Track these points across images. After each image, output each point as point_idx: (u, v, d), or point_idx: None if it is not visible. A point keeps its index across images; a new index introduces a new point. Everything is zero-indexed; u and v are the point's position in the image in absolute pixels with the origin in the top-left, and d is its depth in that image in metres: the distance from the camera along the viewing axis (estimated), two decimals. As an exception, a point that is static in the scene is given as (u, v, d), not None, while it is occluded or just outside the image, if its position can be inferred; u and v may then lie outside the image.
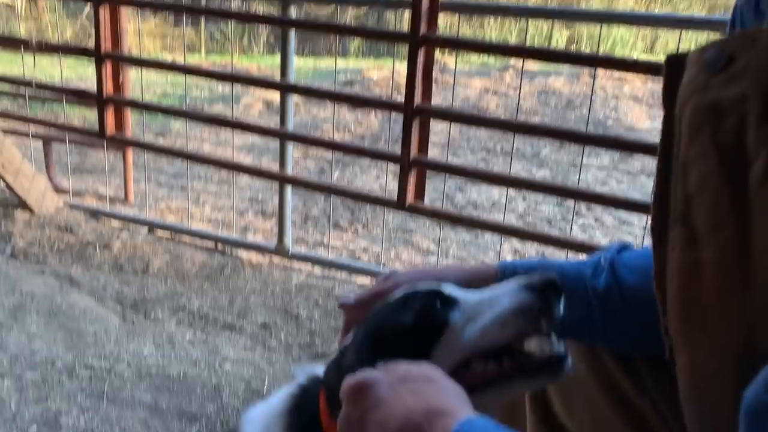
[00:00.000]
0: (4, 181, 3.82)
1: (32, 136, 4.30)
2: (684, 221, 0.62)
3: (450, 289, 1.07)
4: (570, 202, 4.92)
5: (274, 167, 3.87)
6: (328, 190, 3.42)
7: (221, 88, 7.79)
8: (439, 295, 1.05)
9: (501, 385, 0.98)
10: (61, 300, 2.99)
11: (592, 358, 1.20)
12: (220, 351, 2.73)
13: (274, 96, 7.22)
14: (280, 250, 3.67)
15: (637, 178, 5.38)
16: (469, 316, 1.00)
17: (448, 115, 2.96)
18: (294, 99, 3.65)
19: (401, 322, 1.03)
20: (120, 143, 3.76)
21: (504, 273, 1.16)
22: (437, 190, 4.58)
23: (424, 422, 0.75)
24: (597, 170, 5.52)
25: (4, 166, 3.77)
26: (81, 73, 6.73)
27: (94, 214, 3.95)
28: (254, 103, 7.22)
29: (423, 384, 0.83)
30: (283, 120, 3.44)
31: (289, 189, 3.61)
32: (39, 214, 3.82)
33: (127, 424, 2.24)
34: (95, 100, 3.55)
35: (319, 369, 1.13)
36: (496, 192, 5.06)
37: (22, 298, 2.97)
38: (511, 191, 5.07)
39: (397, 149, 3.00)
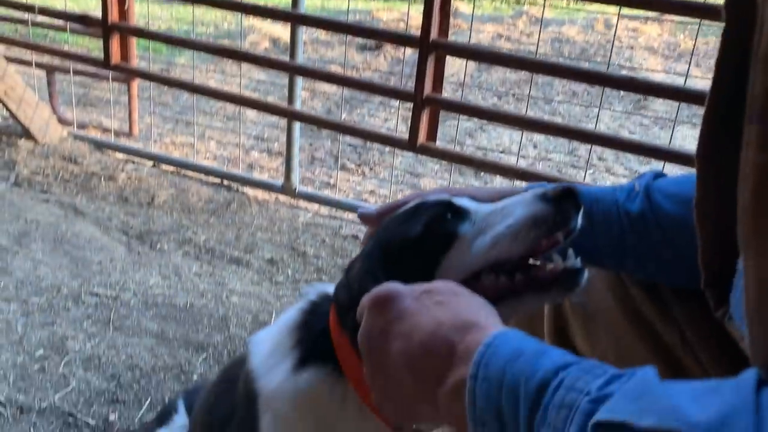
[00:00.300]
0: (7, 108, 3.74)
1: (35, 65, 4.20)
2: (763, 119, 0.56)
3: (463, 201, 1.02)
4: (581, 152, 4.85)
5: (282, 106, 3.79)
6: (337, 127, 3.34)
7: (227, 24, 7.61)
8: (449, 206, 1.00)
9: (512, 300, 0.94)
10: (65, 228, 2.96)
11: (619, 287, 1.16)
12: (227, 284, 2.71)
13: (281, 33, 7.06)
14: (286, 188, 3.62)
15: (650, 129, 5.29)
16: (480, 228, 0.96)
17: (465, 51, 2.86)
18: (303, 36, 3.54)
19: (409, 234, 0.99)
20: (125, 72, 3.67)
21: None
22: (447, 136, 4.51)
23: (453, 335, 0.72)
24: (610, 120, 5.43)
25: (6, 93, 3.69)
26: (83, 6, 6.56)
27: (99, 145, 3.88)
28: (261, 41, 7.06)
29: (450, 297, 0.79)
30: (293, 53, 3.34)
31: (297, 126, 3.54)
32: (42, 143, 3.76)
33: (134, 351, 2.23)
34: (100, 27, 3.44)
35: (329, 287, 1.11)
36: (507, 138, 4.98)
37: (27, 225, 2.94)
38: (523, 138, 4.99)
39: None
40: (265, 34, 7.13)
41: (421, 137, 2.98)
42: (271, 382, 1.05)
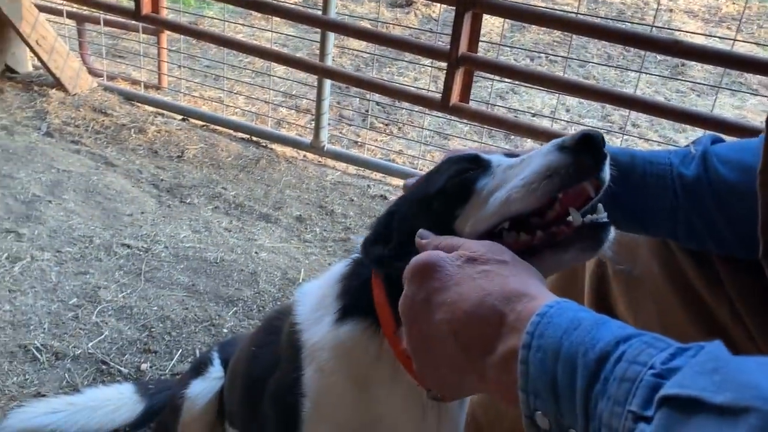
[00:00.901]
0: (39, 58, 3.74)
1: (66, 15, 4.18)
2: None
3: (489, 155, 0.98)
4: (614, 117, 4.75)
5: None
6: (369, 85, 3.29)
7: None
8: (473, 160, 0.97)
9: (532, 260, 0.85)
10: (97, 180, 2.97)
11: (666, 254, 1.13)
12: (256, 240, 2.71)
13: (311, -11, 6.92)
14: (315, 146, 3.60)
15: (687, 96, 5.15)
16: (498, 182, 0.92)
17: (503, 9, 2.78)
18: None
19: (430, 189, 0.98)
20: (155, 23, 3.63)
21: None
22: (477, 97, 4.43)
23: (501, 305, 0.70)
24: (645, 85, 5.29)
25: (38, 42, 3.69)
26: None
27: (128, 97, 3.88)
28: (290, -4, 6.94)
29: (497, 266, 0.77)
30: (325, 8, 3.28)
31: (327, 83, 3.49)
32: (73, 93, 3.76)
33: (165, 302, 2.26)
34: (131, -24, 3.40)
35: None
36: (539, 101, 4.88)
37: (59, 175, 2.96)
38: (554, 101, 4.89)
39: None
40: (294, -11, 7.00)
41: (454, 97, 2.92)
42: (315, 335, 1.06)
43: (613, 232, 0.87)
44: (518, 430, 1.45)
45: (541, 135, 2.87)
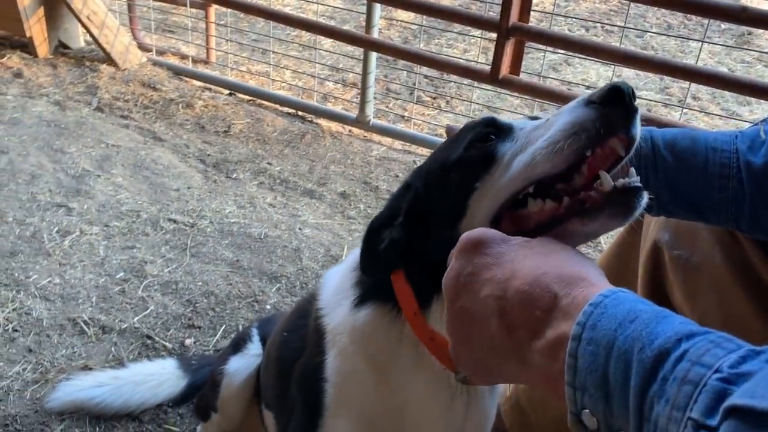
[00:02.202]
0: (90, 33, 3.79)
1: (116, -11, 4.22)
2: None
3: (512, 120, 0.92)
4: (673, 90, 4.53)
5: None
6: (416, 58, 3.21)
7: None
8: (492, 125, 0.90)
9: (559, 229, 0.79)
10: (145, 154, 3.00)
11: (730, 243, 1.05)
12: (300, 216, 2.70)
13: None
14: (360, 120, 3.55)
15: (753, 66, 4.87)
16: (521, 145, 0.85)
17: (557, -23, 2.64)
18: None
19: (449, 157, 0.92)
20: (203, -2, 3.62)
21: (639, 143, 0.97)
22: (528, 69, 4.28)
23: (557, 286, 0.64)
24: (707, 56, 5.03)
25: (89, 18, 3.73)
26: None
27: (177, 72, 3.90)
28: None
29: (554, 247, 0.71)
30: (372, -22, 3.20)
31: (373, 57, 3.42)
32: (123, 68, 3.80)
33: (210, 278, 2.26)
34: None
35: None
36: (593, 73, 4.70)
37: (108, 150, 3.00)
38: (609, 74, 4.70)
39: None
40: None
41: (504, 69, 2.82)
42: (335, 318, 1.04)
43: (646, 197, 0.78)
44: (562, 419, 1.40)
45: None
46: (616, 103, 0.77)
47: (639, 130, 0.79)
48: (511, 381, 0.70)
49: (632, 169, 0.80)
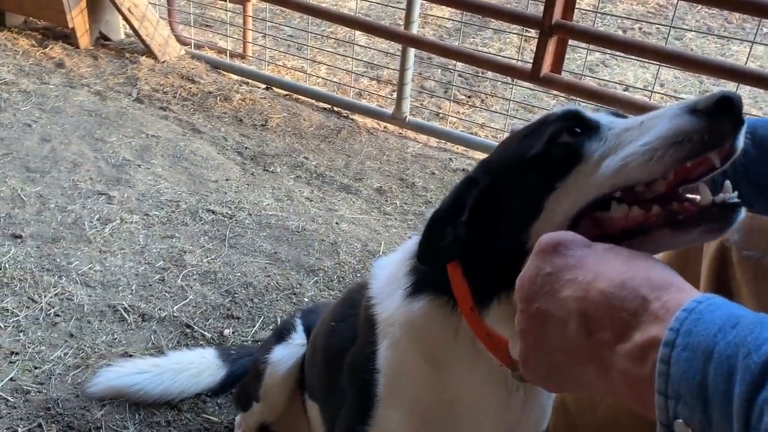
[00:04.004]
0: (130, 25, 3.83)
1: (156, -18, 4.26)
2: None
3: (595, 114, 0.86)
4: (715, 89, 4.45)
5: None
6: (455, 55, 3.18)
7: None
8: (577, 119, 0.84)
9: (644, 238, 0.76)
10: (184, 146, 3.02)
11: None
12: (337, 210, 2.69)
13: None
14: (396, 117, 3.53)
15: (797, 71, 4.75)
16: (610, 146, 0.79)
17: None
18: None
19: (527, 151, 0.85)
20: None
21: None
22: (565, 69, 4.23)
23: (646, 290, 0.61)
24: (750, 59, 4.91)
25: (130, 10, 3.77)
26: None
27: (214, 65, 3.92)
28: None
29: (638, 255, 0.68)
30: (412, -26, 3.19)
31: (411, 53, 3.41)
32: (162, 61, 3.84)
33: (248, 269, 2.27)
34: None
35: None
36: (631, 75, 4.63)
37: (148, 140, 3.03)
38: (647, 75, 4.62)
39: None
40: (377, -43, 6.90)
41: (546, 67, 2.78)
42: (388, 309, 1.02)
43: (743, 213, 0.74)
44: (612, 423, 1.36)
45: (640, 109, 2.69)
46: (724, 113, 0.72)
47: (742, 143, 0.75)
48: (586, 388, 0.67)
49: (727, 183, 0.76)
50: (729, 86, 4.28)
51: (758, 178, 0.86)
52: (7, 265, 2.16)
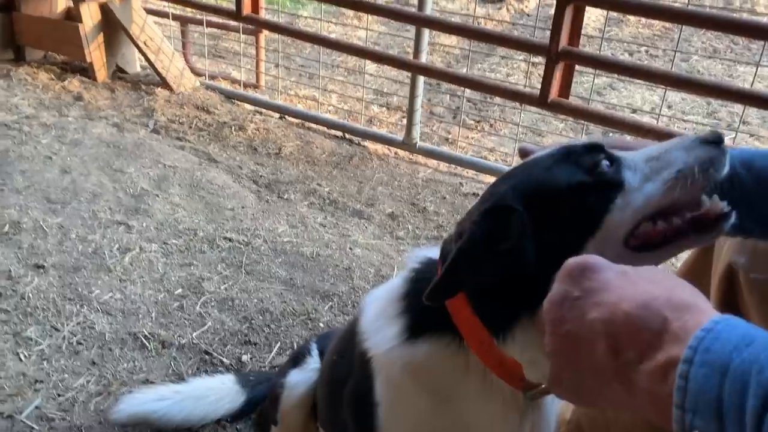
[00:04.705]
0: (146, 58, 3.93)
1: (171, 17, 4.37)
2: None
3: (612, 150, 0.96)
4: (722, 114, 4.48)
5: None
6: (464, 82, 3.24)
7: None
8: (605, 152, 0.93)
9: (672, 244, 0.91)
10: (200, 175, 3.09)
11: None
12: (350, 236, 2.74)
13: (402, -14, 6.94)
14: (407, 143, 3.59)
15: (804, 90, 4.77)
16: (645, 175, 0.91)
17: (607, 1, 2.66)
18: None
19: (565, 180, 0.89)
20: (255, 24, 3.73)
21: None
22: (573, 92, 4.28)
23: (667, 311, 0.65)
24: (758, 81, 4.95)
25: (146, 43, 3.87)
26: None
27: (229, 96, 4.01)
28: (381, -6, 6.99)
29: (662, 276, 0.72)
30: (420, 5, 3.26)
31: (421, 81, 3.48)
32: (177, 92, 3.93)
33: (264, 295, 2.31)
34: (233, -22, 3.51)
35: (431, 252, 1.05)
36: (638, 97, 4.68)
37: (166, 171, 3.10)
38: (655, 98, 4.67)
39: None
40: (385, -13, 7.04)
41: (553, 93, 2.83)
42: (380, 345, 1.02)
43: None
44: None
45: (647, 132, 2.73)
46: (721, 144, 0.92)
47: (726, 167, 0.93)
48: (615, 404, 0.71)
49: (715, 196, 0.91)
50: (736, 108, 4.32)
51: (756, 206, 0.90)
52: (30, 295, 2.21)
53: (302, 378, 1.54)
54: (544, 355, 0.76)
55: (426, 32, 3.33)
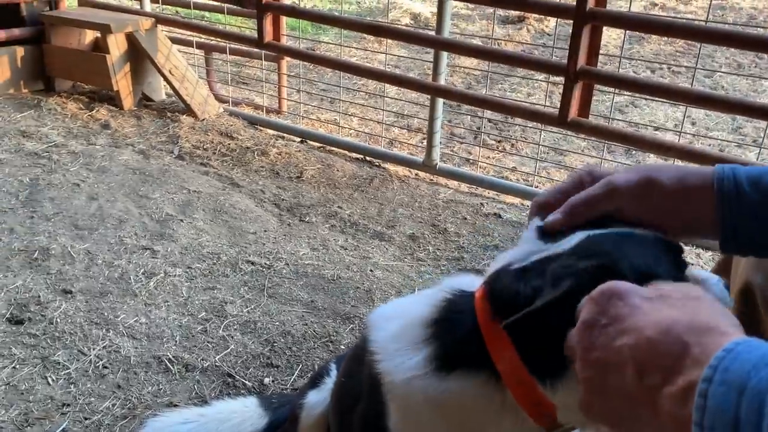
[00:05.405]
0: (171, 86, 4.02)
1: (195, 45, 4.48)
2: None
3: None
4: (747, 129, 4.43)
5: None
6: (484, 103, 3.27)
7: (368, 2, 7.69)
8: (669, 245, 0.93)
9: None
10: (224, 200, 3.14)
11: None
12: (371, 258, 2.75)
13: (421, 9, 7.03)
14: (427, 164, 3.61)
15: (832, 104, 4.70)
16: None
17: (625, 20, 2.67)
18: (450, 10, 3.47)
19: (672, 274, 0.86)
20: (277, 50, 3.81)
21: (722, 180, 0.93)
22: (594, 111, 4.28)
23: (688, 335, 0.66)
24: (781, 94, 4.90)
25: (171, 72, 3.97)
26: None
27: (251, 121, 4.08)
28: (401, 17, 7.08)
29: (686, 300, 0.73)
30: (439, 28, 3.30)
31: (440, 103, 3.51)
32: (201, 119, 4.01)
33: (286, 318, 2.33)
34: (254, 6, 3.59)
35: (462, 281, 1.03)
36: (661, 114, 4.65)
37: (190, 196, 3.16)
38: (678, 114, 4.63)
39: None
40: (405, 10, 7.15)
41: (573, 112, 2.84)
42: (398, 372, 0.97)
43: None
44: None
45: (668, 150, 2.72)
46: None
47: None
48: (645, 428, 0.72)
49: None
50: (762, 124, 4.26)
51: (764, 224, 0.90)
52: (58, 320, 2.26)
53: (320, 398, 1.55)
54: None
55: (444, 55, 3.37)
